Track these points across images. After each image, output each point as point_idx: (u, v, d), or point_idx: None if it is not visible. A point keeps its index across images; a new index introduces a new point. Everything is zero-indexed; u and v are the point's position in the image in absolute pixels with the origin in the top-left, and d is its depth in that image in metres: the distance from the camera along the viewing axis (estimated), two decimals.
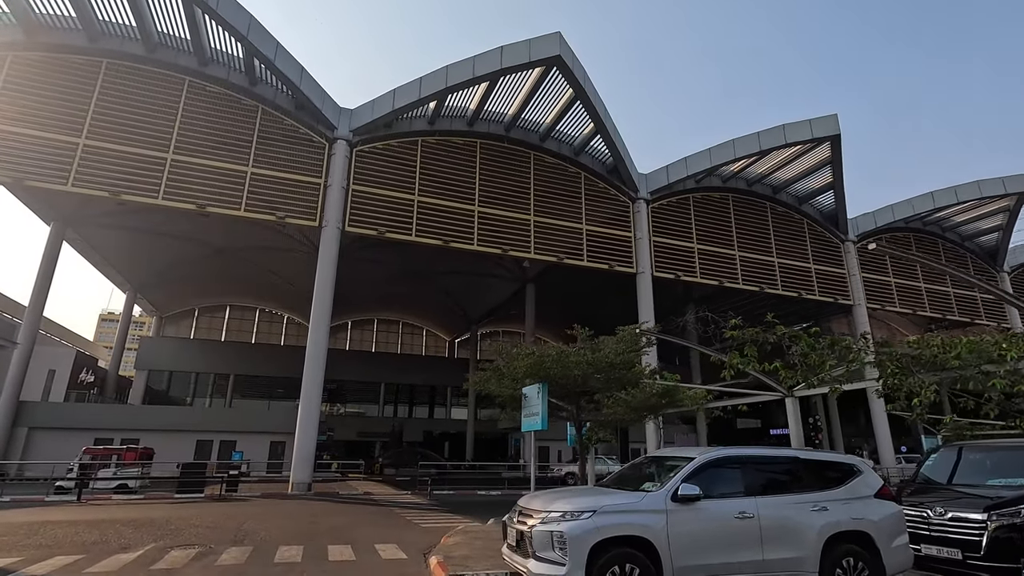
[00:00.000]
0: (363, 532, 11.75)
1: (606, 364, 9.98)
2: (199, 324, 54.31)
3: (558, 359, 9.82)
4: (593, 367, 9.84)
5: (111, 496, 18.62)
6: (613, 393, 10.65)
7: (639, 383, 10.71)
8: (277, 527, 12.21)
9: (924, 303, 37.87)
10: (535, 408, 9.25)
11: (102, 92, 22.64)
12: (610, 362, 10.03)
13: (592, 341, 10.56)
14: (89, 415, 31.16)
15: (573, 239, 28.77)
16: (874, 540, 6.36)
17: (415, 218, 25.63)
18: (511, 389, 10.69)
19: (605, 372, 10.02)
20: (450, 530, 12.12)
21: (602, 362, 9.96)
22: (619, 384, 10.49)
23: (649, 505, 5.88)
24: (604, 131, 27.51)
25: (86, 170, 21.52)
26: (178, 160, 22.71)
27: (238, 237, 34.80)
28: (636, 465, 7.54)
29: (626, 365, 10.25)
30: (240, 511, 15.25)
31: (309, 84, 24.11)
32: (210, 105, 23.88)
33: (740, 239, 33.00)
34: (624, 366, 10.19)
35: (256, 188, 23.44)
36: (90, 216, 30.89)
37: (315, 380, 22.44)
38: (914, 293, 37.91)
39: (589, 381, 9.95)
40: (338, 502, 18.88)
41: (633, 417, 10.78)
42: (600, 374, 9.98)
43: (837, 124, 29.49)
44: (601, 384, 10.31)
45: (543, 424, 8.92)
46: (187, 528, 11.87)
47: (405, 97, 24.78)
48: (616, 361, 10.14)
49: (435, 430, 52.77)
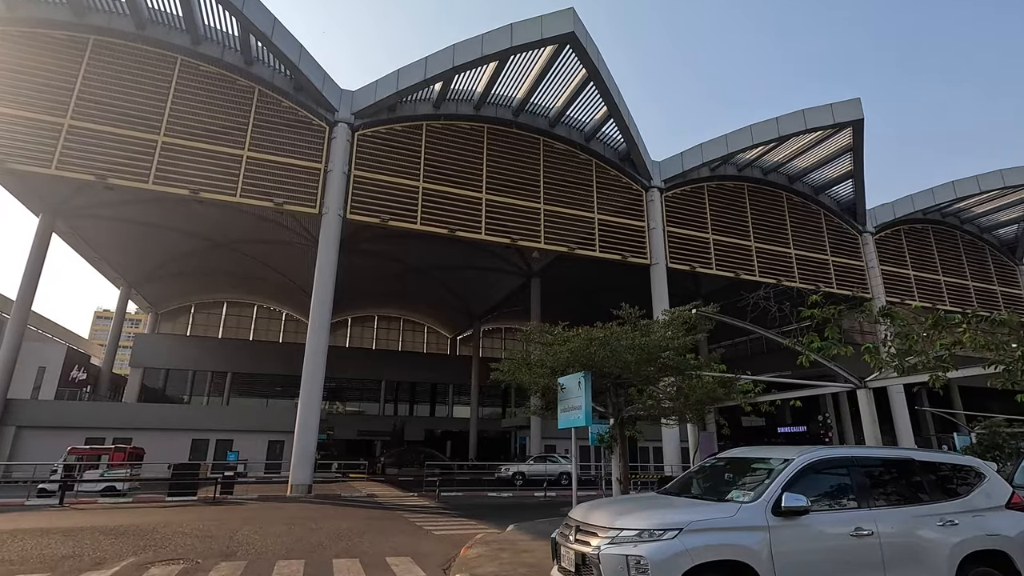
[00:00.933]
0: (370, 541, 10.52)
1: (659, 349, 8.69)
2: (196, 321, 53.01)
3: (606, 343, 8.50)
4: (645, 352, 8.55)
5: (97, 500, 17.37)
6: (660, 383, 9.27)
7: (695, 371, 9.38)
8: (274, 535, 10.97)
9: (944, 297, 36.67)
10: (576, 401, 7.90)
11: (88, 70, 21.35)
12: (665, 346, 8.73)
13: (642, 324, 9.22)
14: (80, 413, 29.90)
15: (584, 229, 27.52)
16: (1014, 561, 5.14)
17: (420, 206, 24.36)
18: (545, 379, 9.35)
19: (658, 359, 8.73)
20: (467, 539, 10.90)
21: (654, 347, 8.68)
22: (674, 372, 9.18)
23: (746, 520, 4.64)
24: (618, 114, 26.25)
25: (71, 152, 20.23)
26: (170, 143, 21.42)
27: (235, 230, 33.55)
28: (707, 468, 6.27)
29: (680, 350, 8.93)
30: (235, 516, 14.01)
31: (308, 63, 22.85)
32: (204, 85, 22.59)
33: (756, 230, 31.78)
34: (678, 351, 8.87)
35: (252, 173, 22.16)
36: (81, 207, 29.63)
37: (315, 374, 21.20)
38: (933, 287, 36.72)
39: (641, 369, 8.64)
40: (340, 505, 17.66)
41: (691, 412, 9.44)
42: (653, 362, 8.68)
43: (860, 108, 28.26)
44: (654, 372, 9.01)
45: (586, 419, 7.55)
46: (174, 537, 10.62)
47: (410, 78, 23.52)
48: (673, 345, 8.83)
49: (437, 429, 51.74)
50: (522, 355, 9.85)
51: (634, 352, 8.38)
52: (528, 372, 9.37)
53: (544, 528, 11.89)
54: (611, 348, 8.18)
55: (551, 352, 8.61)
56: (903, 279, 35.88)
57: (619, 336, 8.66)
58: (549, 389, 9.27)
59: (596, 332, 8.69)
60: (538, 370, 9.22)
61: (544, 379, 9.07)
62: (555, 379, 8.56)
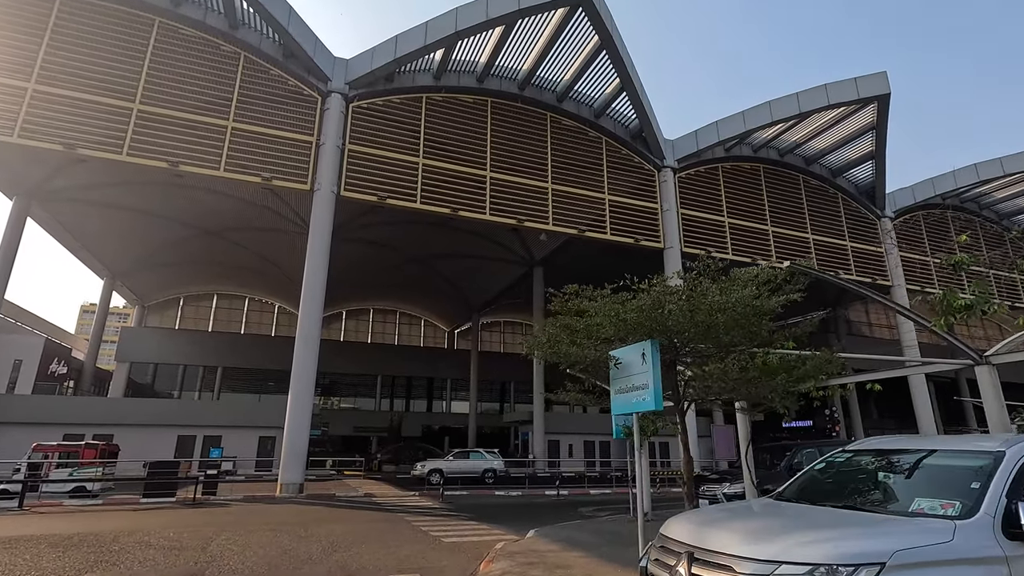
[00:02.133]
0: (370, 554, 8.85)
1: (754, 311, 6.85)
2: (184, 314, 51.06)
3: (689, 298, 6.64)
4: (740, 313, 6.77)
5: (63, 502, 15.61)
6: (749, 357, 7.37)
7: (794, 344, 7.56)
8: (256, 546, 9.28)
9: (965, 287, 35.18)
10: (639, 379, 5.91)
11: (55, 31, 19.48)
12: (759, 309, 6.88)
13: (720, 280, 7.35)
14: (58, 409, 28.03)
15: (595, 210, 25.86)
16: None
17: (420, 183, 22.63)
18: (595, 352, 7.50)
19: (754, 323, 6.90)
20: (483, 548, 9.25)
21: (748, 307, 6.85)
22: (762, 341, 7.39)
23: (969, 547, 2.99)
24: (631, 86, 24.56)
25: (36, 120, 18.39)
26: (146, 111, 19.60)
27: (224, 216, 31.65)
28: (837, 465, 4.58)
29: (762, 314, 7.07)
30: (214, 521, 12.31)
31: (299, 27, 21.05)
32: (184, 50, 20.76)
33: (772, 214, 30.21)
34: (759, 314, 7.00)
35: (238, 145, 20.37)
36: (58, 190, 27.68)
37: (307, 365, 19.48)
38: (953, 275, 35.23)
39: (730, 335, 6.79)
40: (335, 506, 15.97)
41: (776, 394, 7.62)
42: (747, 326, 6.83)
43: (887, 82, 26.66)
44: (746, 341, 7.18)
45: (656, 402, 5.50)
46: (135, 549, 8.91)
47: (409, 44, 21.76)
48: (766, 308, 6.98)
49: (434, 424, 50.09)
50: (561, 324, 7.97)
51: (726, 312, 6.69)
52: (573, 343, 7.49)
53: (571, 535, 10.26)
54: (693, 305, 6.41)
55: (611, 315, 6.73)
56: (923, 267, 34.43)
57: (705, 291, 6.90)
58: (598, 365, 7.41)
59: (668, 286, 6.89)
60: (585, 341, 7.41)
61: (594, 352, 7.22)
62: (607, 351, 6.74)
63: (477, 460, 25.93)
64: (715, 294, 6.72)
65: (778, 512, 3.91)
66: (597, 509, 15.76)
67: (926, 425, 30.26)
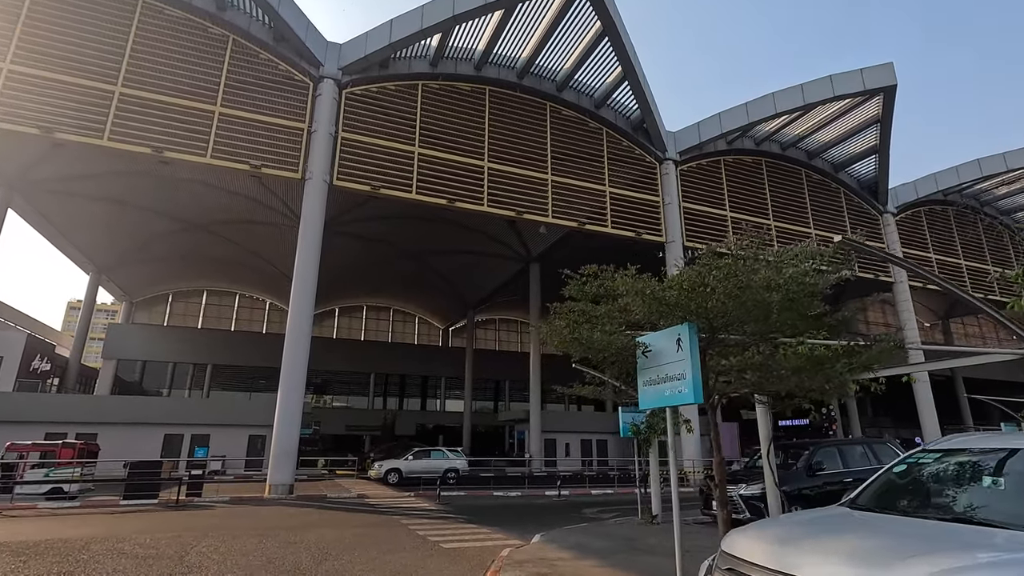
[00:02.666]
0: (363, 562, 8.11)
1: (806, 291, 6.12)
2: (173, 310, 49.93)
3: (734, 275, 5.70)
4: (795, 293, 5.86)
5: (36, 505, 14.74)
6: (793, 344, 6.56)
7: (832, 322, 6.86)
8: (239, 554, 8.52)
9: (966, 282, 34.78)
10: (675, 368, 5.17)
11: (32, 9, 18.58)
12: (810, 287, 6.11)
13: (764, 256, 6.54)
14: (40, 406, 27.09)
15: (595, 203, 25.16)
16: None
17: (415, 173, 21.86)
18: (620, 338, 6.75)
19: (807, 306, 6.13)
20: (486, 554, 8.54)
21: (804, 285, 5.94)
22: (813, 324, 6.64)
23: None
24: (633, 75, 23.86)
25: (11, 102, 17.50)
26: (129, 95, 18.72)
27: (213, 210, 30.68)
28: (925, 467, 3.84)
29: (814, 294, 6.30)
30: (197, 524, 11.52)
31: (290, 9, 20.23)
32: (169, 32, 19.90)
33: (775, 208, 29.65)
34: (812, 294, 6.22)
35: (225, 132, 19.54)
36: (41, 180, 26.69)
37: (297, 361, 18.66)
38: (955, 272, 34.84)
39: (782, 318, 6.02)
40: (326, 508, 15.19)
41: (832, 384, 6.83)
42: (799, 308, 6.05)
43: (893, 74, 26.10)
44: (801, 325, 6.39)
45: (696, 394, 4.84)
46: (105, 558, 8.13)
47: (404, 28, 20.97)
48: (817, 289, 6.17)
49: (429, 423, 49.28)
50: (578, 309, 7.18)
51: (780, 291, 5.87)
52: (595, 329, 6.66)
53: (580, 540, 9.56)
54: (742, 283, 5.68)
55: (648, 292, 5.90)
56: (924, 263, 33.95)
57: (750, 267, 6.08)
58: (624, 354, 6.57)
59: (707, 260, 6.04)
60: (608, 327, 6.62)
61: (619, 338, 6.41)
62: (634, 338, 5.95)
63: (438, 459, 24.67)
64: (766, 269, 5.99)
65: (873, 526, 3.19)
66: (601, 510, 15.09)
67: (929, 424, 29.78)
